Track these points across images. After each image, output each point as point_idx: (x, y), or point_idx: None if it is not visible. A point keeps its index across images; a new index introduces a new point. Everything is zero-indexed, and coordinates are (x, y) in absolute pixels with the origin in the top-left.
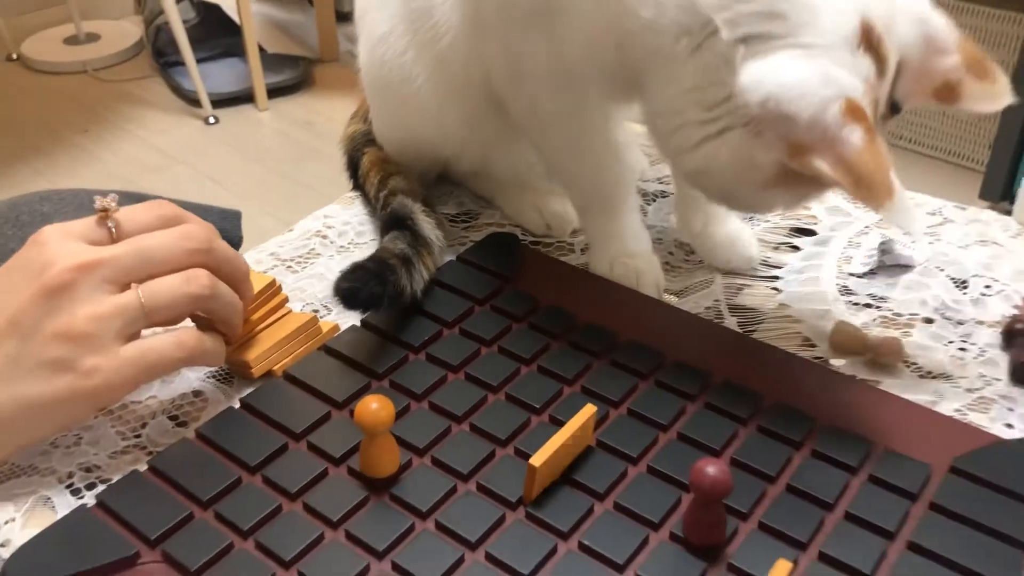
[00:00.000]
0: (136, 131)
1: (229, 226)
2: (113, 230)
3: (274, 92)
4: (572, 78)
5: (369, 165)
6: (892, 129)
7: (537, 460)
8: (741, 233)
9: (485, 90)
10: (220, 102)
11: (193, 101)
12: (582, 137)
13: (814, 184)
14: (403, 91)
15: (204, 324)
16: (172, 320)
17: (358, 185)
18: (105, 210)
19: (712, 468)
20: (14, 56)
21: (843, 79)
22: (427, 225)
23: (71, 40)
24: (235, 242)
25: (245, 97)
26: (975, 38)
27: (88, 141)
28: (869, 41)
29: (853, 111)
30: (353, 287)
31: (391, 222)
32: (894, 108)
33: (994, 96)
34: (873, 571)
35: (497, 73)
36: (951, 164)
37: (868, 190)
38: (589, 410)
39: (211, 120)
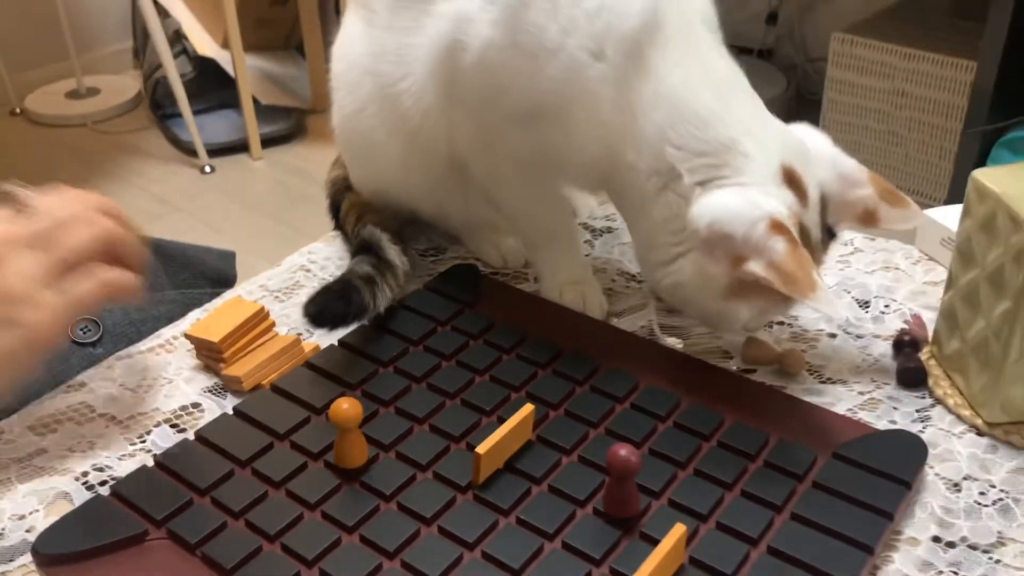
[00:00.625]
0: (135, 181)
1: (225, 265)
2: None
3: (268, 142)
4: (548, 170)
5: (348, 207)
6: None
7: (482, 449)
8: None
9: (449, 155)
10: (216, 152)
11: (190, 151)
12: (540, 196)
13: (765, 296)
14: (374, 155)
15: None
16: (87, 263)
17: (339, 225)
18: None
19: (623, 450)
20: (18, 110)
21: (767, 203)
22: (392, 251)
23: (72, 94)
24: (230, 280)
25: (240, 147)
26: (927, 83)
27: (88, 190)
28: (790, 179)
29: (776, 226)
30: (319, 309)
31: (359, 248)
32: (831, 234)
33: (908, 217)
34: (760, 536)
35: (466, 145)
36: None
37: (794, 285)
38: (527, 408)
39: (207, 169)
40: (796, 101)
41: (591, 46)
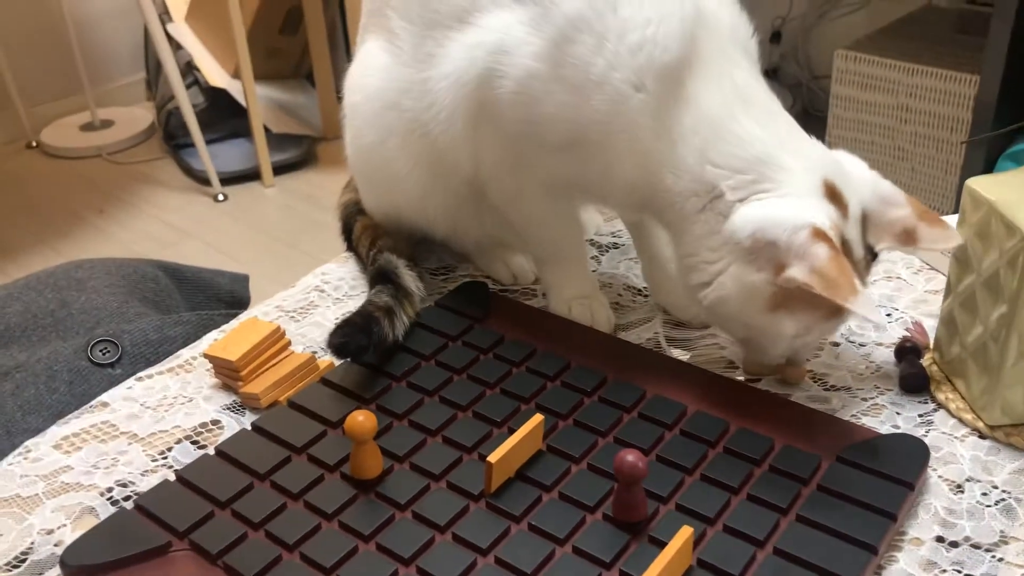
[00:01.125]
0: (150, 210)
1: (238, 288)
2: None
3: (279, 169)
4: (581, 194)
5: (361, 230)
6: None
7: (493, 458)
8: None
9: (468, 177)
10: (228, 180)
11: (203, 180)
12: (558, 216)
13: (810, 308)
14: (392, 184)
15: None
16: None
17: (352, 247)
18: None
19: (630, 456)
20: (34, 144)
21: (809, 212)
22: (409, 277)
23: (87, 127)
24: (244, 302)
25: (252, 175)
26: (931, 98)
27: (104, 221)
28: (831, 193)
29: (819, 234)
30: (343, 342)
31: (377, 276)
32: (872, 254)
33: (947, 238)
34: (766, 538)
35: (490, 168)
36: None
37: (835, 289)
38: (537, 418)
39: (220, 197)
40: (802, 119)
41: (633, 79)
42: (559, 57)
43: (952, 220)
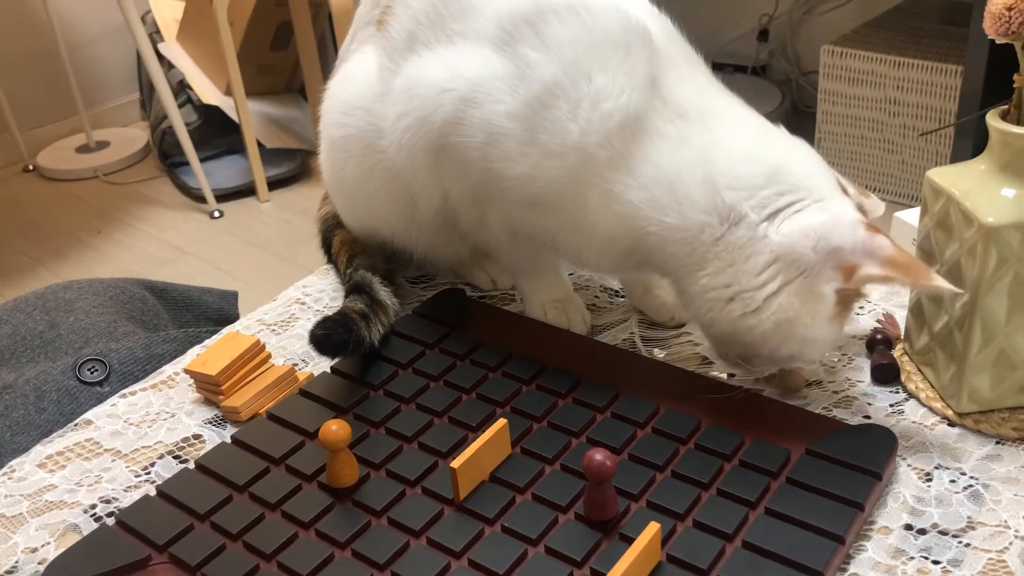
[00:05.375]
0: (146, 229)
1: (226, 305)
2: None
3: (274, 184)
4: (550, 249)
5: (339, 246)
6: (864, 182)
7: (457, 463)
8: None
9: (437, 208)
10: (224, 196)
11: (199, 197)
12: (520, 241)
13: (848, 307)
14: (364, 206)
15: None
16: None
17: (331, 260)
18: None
19: (598, 455)
20: (30, 167)
21: (852, 210)
22: (383, 293)
23: (82, 148)
24: (232, 319)
25: (247, 191)
26: (917, 90)
27: (102, 242)
28: (842, 188)
29: (870, 227)
30: (325, 333)
31: (352, 290)
32: None
33: (875, 207)
34: (735, 532)
35: (455, 199)
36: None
37: (915, 273)
38: (500, 422)
39: (216, 214)
40: (792, 115)
41: (602, 141)
42: (534, 121)
43: (916, 211)
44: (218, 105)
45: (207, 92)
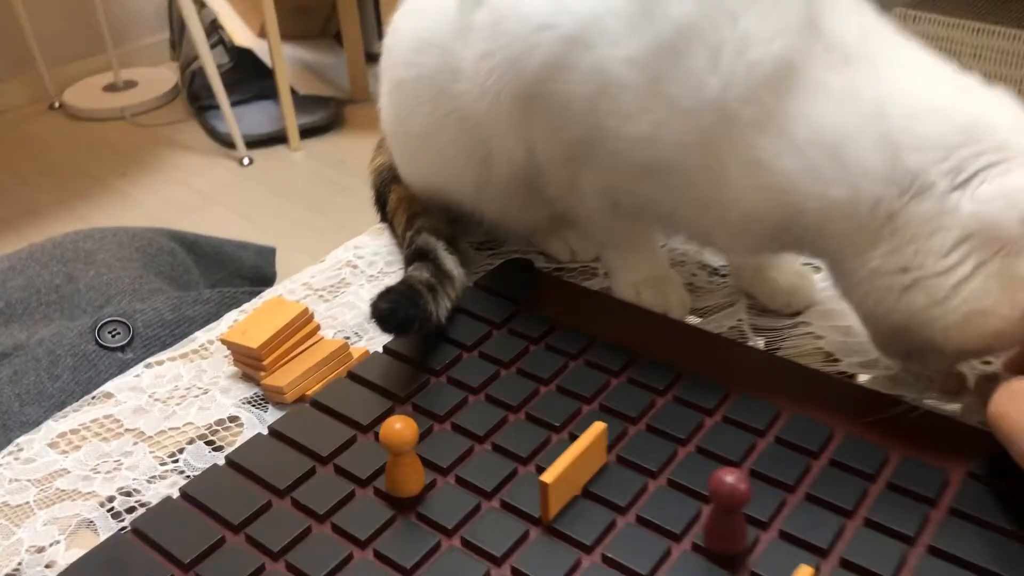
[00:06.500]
0: (173, 174)
1: (263, 262)
2: None
3: (306, 132)
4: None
5: (396, 203)
6: None
7: (548, 477)
8: (801, 278)
9: (518, 170)
10: (254, 143)
11: (228, 143)
12: (616, 213)
13: None
14: (431, 160)
15: None
16: None
17: (386, 219)
18: None
19: (730, 477)
20: (56, 105)
21: None
22: (450, 261)
23: (110, 88)
24: (269, 278)
25: (278, 138)
26: (996, 59)
27: (127, 184)
28: None
29: None
30: (391, 307)
31: (415, 256)
32: None
33: None
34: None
35: (543, 158)
36: None
37: None
38: (599, 427)
39: (245, 161)
40: None
41: (751, 98)
42: (661, 70)
43: None
44: (251, 48)
45: (240, 34)
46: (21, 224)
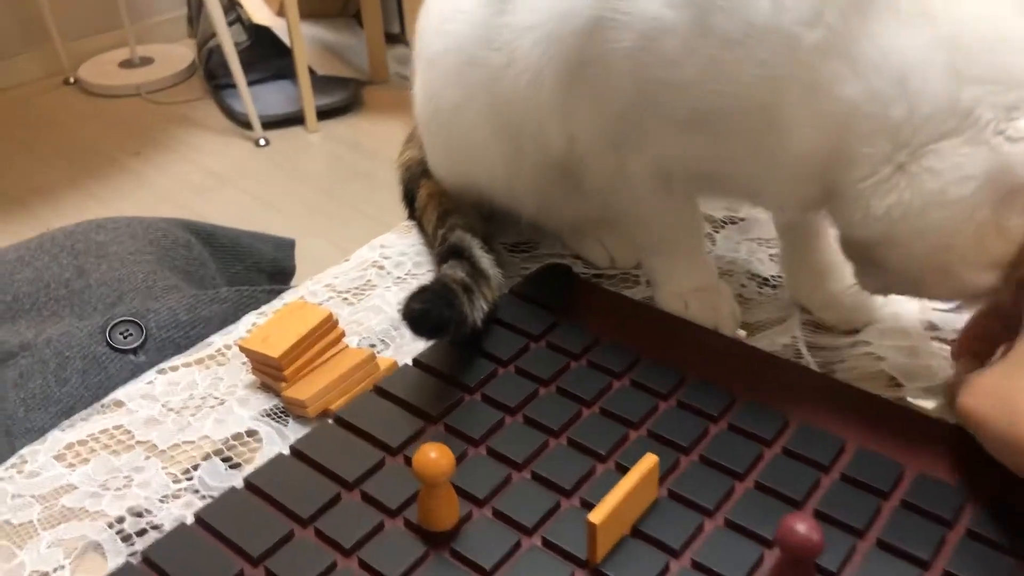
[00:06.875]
0: (188, 153)
1: (282, 256)
2: None
3: (324, 114)
4: (714, 184)
5: (427, 199)
6: None
7: (597, 517)
8: (861, 292)
9: (558, 159)
10: (270, 124)
11: (244, 123)
12: (670, 202)
13: None
14: (467, 153)
15: None
16: None
17: (415, 216)
18: None
19: (802, 525)
20: (71, 80)
21: None
22: (485, 260)
23: (126, 64)
24: (288, 272)
25: (295, 119)
26: None
27: (141, 164)
28: None
29: None
30: (425, 308)
31: (448, 254)
32: None
33: None
34: None
35: (587, 145)
36: None
37: None
38: (650, 460)
39: (261, 142)
40: None
41: (808, 15)
42: (704, 2)
43: None
44: (269, 26)
45: (258, 12)
46: (33, 203)
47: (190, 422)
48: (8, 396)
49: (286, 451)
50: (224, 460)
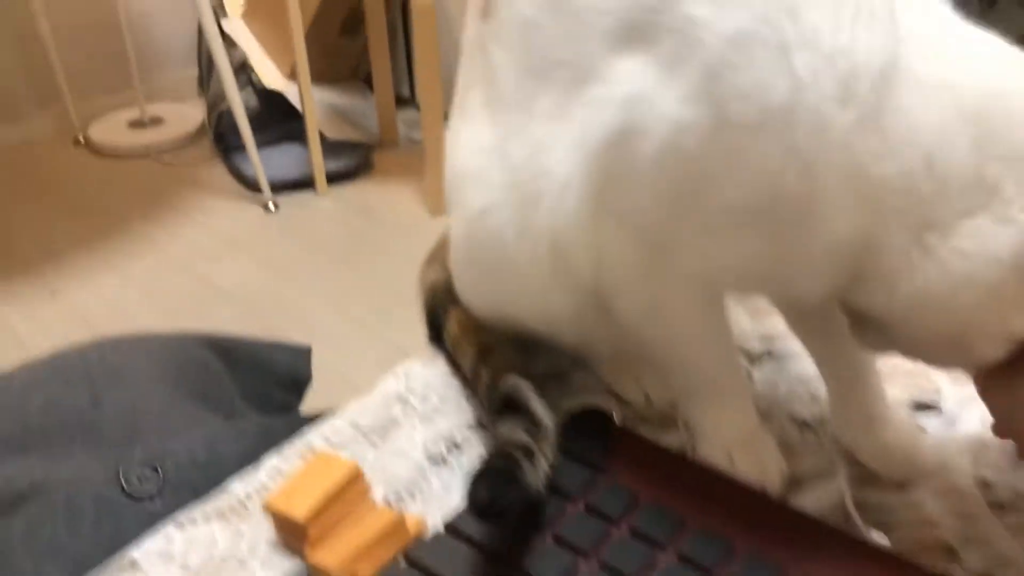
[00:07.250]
0: (197, 216)
1: (299, 365)
2: None
3: (334, 178)
4: (765, 282)
5: (460, 332)
6: None
7: None
8: (916, 439)
9: (592, 282)
10: (280, 187)
11: (254, 186)
12: (709, 329)
13: None
14: (509, 287)
15: None
16: None
17: (440, 342)
18: None
19: None
20: (81, 140)
21: None
22: (540, 408)
23: (136, 124)
24: (304, 380)
25: (305, 183)
26: None
27: (150, 226)
28: None
29: None
30: (491, 498)
31: (503, 407)
32: None
33: None
34: None
35: (618, 270)
36: None
37: None
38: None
39: (271, 207)
40: None
41: (837, 92)
42: (719, 93)
43: None
44: (280, 90)
45: (269, 75)
46: (41, 265)
47: None
48: (16, 551)
49: None
50: None
